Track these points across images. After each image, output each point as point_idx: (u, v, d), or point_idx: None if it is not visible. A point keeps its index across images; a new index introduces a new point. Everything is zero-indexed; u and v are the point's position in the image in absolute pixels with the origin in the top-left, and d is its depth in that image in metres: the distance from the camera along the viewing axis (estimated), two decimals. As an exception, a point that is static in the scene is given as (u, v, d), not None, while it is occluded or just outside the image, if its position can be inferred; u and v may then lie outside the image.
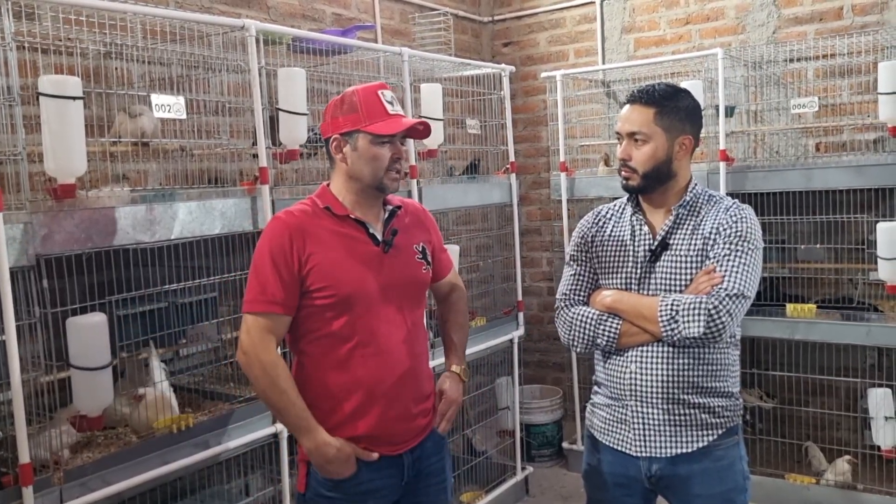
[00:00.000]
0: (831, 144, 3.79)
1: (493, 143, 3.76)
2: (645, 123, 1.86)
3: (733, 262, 1.79)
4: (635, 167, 1.88)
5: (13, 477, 1.87)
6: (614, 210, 2.02)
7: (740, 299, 1.77)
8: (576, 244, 2.04)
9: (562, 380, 4.59)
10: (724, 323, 1.76)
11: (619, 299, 1.90)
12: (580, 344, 1.94)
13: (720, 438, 1.87)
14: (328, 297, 1.79)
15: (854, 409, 3.64)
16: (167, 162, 2.52)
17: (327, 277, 1.78)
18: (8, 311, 1.83)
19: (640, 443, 1.89)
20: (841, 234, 3.53)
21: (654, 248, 1.89)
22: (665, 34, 4.27)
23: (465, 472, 3.62)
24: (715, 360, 1.86)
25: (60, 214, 1.94)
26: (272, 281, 1.76)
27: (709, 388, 1.86)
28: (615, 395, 1.93)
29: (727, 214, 1.86)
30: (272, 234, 1.80)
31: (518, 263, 3.82)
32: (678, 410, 1.85)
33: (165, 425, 2.19)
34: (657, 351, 1.85)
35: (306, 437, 1.79)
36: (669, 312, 1.79)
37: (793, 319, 3.39)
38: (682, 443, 1.86)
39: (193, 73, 2.57)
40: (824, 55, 3.65)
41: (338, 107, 1.84)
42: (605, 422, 1.97)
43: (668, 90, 1.89)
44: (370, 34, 3.86)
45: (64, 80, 1.94)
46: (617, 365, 1.91)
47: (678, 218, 1.89)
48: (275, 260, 1.76)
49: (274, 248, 1.77)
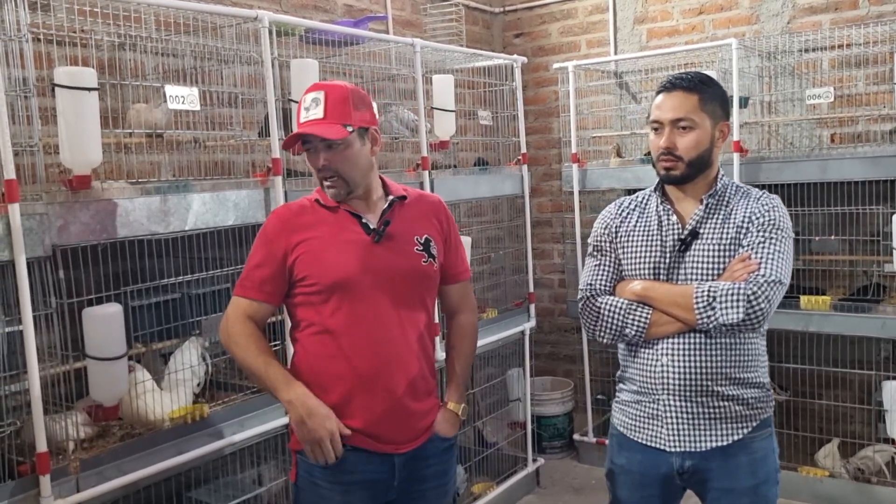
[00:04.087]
0: (846, 135, 3.76)
1: (504, 135, 3.75)
2: (692, 110, 1.82)
3: (768, 249, 1.78)
4: (681, 155, 1.83)
5: (30, 465, 1.89)
6: (637, 201, 2.00)
7: (778, 286, 1.75)
8: (599, 234, 2.00)
9: (573, 372, 4.59)
10: (764, 309, 1.74)
11: (651, 287, 1.86)
12: (607, 334, 1.90)
13: (755, 430, 1.85)
14: (313, 286, 1.80)
15: (868, 401, 3.62)
16: (180, 154, 2.53)
17: (311, 266, 1.80)
18: (25, 301, 1.84)
19: (673, 438, 1.85)
20: (855, 226, 3.50)
21: (684, 238, 1.86)
22: (678, 24, 4.23)
23: (476, 464, 3.63)
24: (746, 351, 1.84)
25: (76, 205, 1.95)
26: (255, 268, 1.83)
27: (742, 379, 1.83)
28: (645, 390, 1.89)
29: (759, 203, 1.85)
30: (266, 226, 1.88)
31: (529, 255, 3.82)
32: (713, 403, 1.82)
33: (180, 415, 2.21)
34: (689, 342, 1.82)
35: (286, 390, 1.76)
36: (706, 299, 1.76)
37: (807, 311, 3.37)
38: (717, 436, 1.83)
39: (206, 64, 2.57)
40: (839, 45, 3.61)
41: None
42: (634, 418, 1.93)
43: (704, 77, 1.88)
44: (382, 25, 3.85)
45: (79, 71, 1.95)
46: (647, 359, 1.87)
47: (709, 207, 1.87)
48: (262, 249, 1.83)
49: (264, 239, 1.85)
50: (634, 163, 3.90)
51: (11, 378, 1.96)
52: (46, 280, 1.92)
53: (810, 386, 3.64)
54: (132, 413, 2.17)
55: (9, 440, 1.96)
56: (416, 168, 3.10)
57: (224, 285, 2.53)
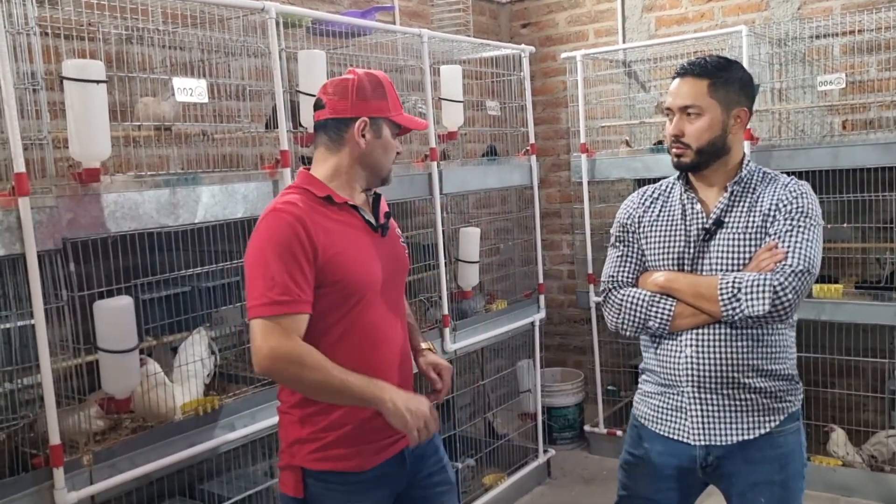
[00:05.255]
0: (858, 122, 3.72)
1: (512, 125, 3.74)
2: (699, 96, 1.79)
3: (796, 237, 1.73)
4: (689, 142, 1.81)
5: (44, 458, 1.90)
6: (661, 190, 1.95)
7: (806, 275, 1.70)
8: (621, 225, 1.96)
9: (583, 363, 4.58)
10: (791, 301, 1.70)
11: (674, 278, 1.82)
12: (630, 327, 1.87)
13: (783, 424, 1.81)
14: (340, 290, 1.70)
15: (881, 390, 3.59)
16: (188, 147, 2.53)
17: (340, 270, 1.69)
18: (36, 294, 1.85)
19: (698, 430, 1.81)
20: (868, 213, 3.47)
21: (708, 227, 1.82)
22: (687, 12, 4.20)
23: (486, 455, 3.63)
24: (774, 342, 1.80)
25: (86, 199, 1.95)
26: (291, 278, 1.62)
27: (770, 371, 1.79)
28: (668, 382, 1.85)
29: (786, 190, 1.80)
30: (280, 229, 1.64)
31: (539, 246, 3.80)
32: (739, 395, 1.78)
33: (191, 408, 2.21)
34: (715, 333, 1.78)
35: (378, 391, 1.65)
36: (731, 290, 1.72)
37: (819, 300, 3.35)
38: (744, 429, 1.79)
39: (214, 57, 2.57)
40: (851, 31, 3.57)
41: (365, 88, 1.75)
42: (656, 410, 1.89)
43: (721, 61, 1.82)
44: (388, 16, 3.83)
45: (87, 63, 1.95)
46: (670, 350, 1.84)
47: (733, 195, 1.82)
48: (293, 255, 1.62)
49: (289, 243, 1.63)
50: (644, 152, 3.88)
51: (24, 371, 1.97)
52: (57, 273, 1.93)
53: (823, 375, 3.61)
54: (144, 406, 2.17)
55: (22, 433, 1.97)
56: (424, 159, 3.09)
57: (234, 278, 2.53)
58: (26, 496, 1.85)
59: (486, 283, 3.83)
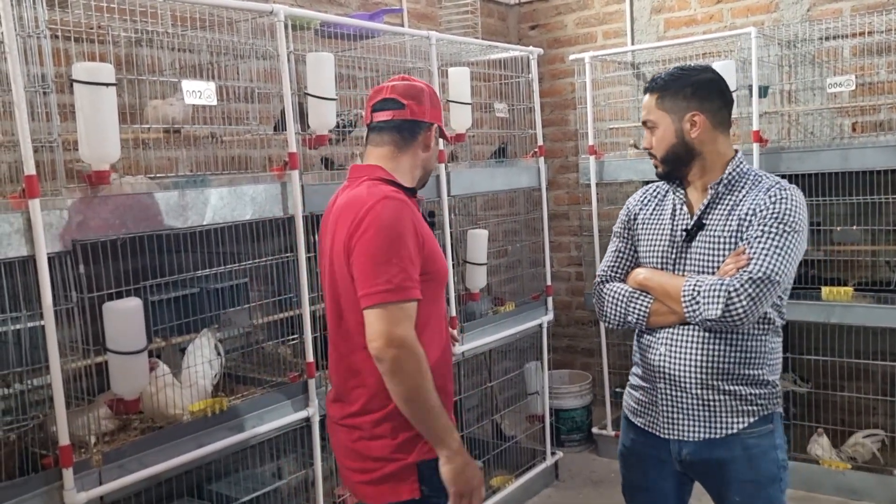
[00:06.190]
0: (868, 124, 3.70)
1: (520, 127, 3.74)
2: (651, 110, 1.88)
3: (764, 244, 1.73)
4: (655, 153, 1.90)
5: (53, 458, 1.91)
6: (663, 188, 2.00)
7: (765, 283, 1.70)
8: (621, 220, 2.04)
9: (591, 365, 4.57)
10: (744, 307, 1.70)
11: (650, 277, 1.89)
12: (613, 320, 1.95)
13: (752, 426, 1.82)
14: (430, 279, 1.74)
15: (891, 393, 3.57)
16: (197, 149, 2.54)
17: (431, 261, 1.75)
18: (46, 295, 1.86)
19: (668, 425, 1.87)
20: (878, 216, 3.45)
21: (689, 228, 1.86)
22: (696, 14, 4.19)
23: (494, 457, 3.62)
24: (751, 348, 1.81)
25: (95, 201, 1.96)
26: (412, 263, 1.66)
27: (742, 376, 1.81)
28: (647, 377, 1.93)
29: (766, 195, 1.79)
30: (399, 216, 1.67)
31: (547, 248, 3.80)
32: (708, 396, 1.81)
33: (200, 409, 2.22)
34: (689, 334, 1.82)
35: (455, 439, 1.68)
36: (692, 293, 1.77)
37: (828, 303, 3.33)
38: (711, 428, 1.82)
39: (222, 59, 2.58)
40: (860, 33, 3.55)
41: (435, 96, 1.87)
42: (638, 402, 1.97)
43: (675, 73, 1.87)
44: (396, 18, 3.84)
45: (97, 66, 1.96)
46: (648, 346, 1.91)
47: (714, 196, 1.85)
48: (409, 242, 1.67)
49: (406, 230, 1.67)
50: (652, 154, 3.86)
51: (34, 372, 1.97)
52: (67, 275, 1.94)
53: (832, 378, 3.60)
54: (153, 407, 2.18)
55: (32, 434, 1.98)
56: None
57: (242, 280, 2.54)
58: (36, 496, 1.86)
59: (493, 285, 3.83)
